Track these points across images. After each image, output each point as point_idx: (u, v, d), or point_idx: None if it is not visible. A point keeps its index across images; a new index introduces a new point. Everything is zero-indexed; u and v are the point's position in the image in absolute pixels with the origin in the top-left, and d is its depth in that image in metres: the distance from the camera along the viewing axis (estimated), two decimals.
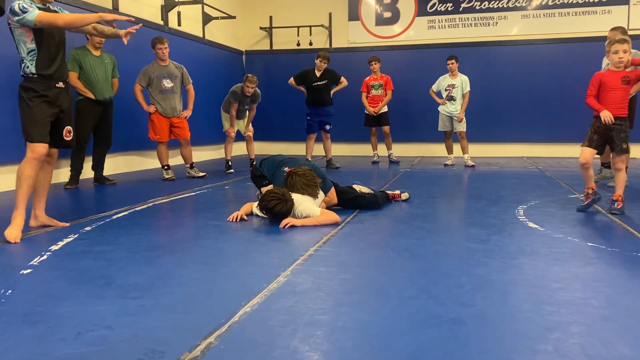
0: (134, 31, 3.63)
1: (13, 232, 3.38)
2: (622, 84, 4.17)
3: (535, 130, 9.64)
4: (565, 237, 3.44)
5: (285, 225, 3.67)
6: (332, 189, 4.30)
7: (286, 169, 4.19)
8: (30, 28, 3.43)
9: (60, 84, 3.63)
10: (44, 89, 3.52)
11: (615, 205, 4.16)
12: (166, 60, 6.39)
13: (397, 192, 4.83)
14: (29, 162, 3.52)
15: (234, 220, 3.93)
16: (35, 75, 3.50)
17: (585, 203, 4.33)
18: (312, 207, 3.86)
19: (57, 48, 3.60)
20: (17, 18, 3.39)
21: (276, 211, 3.71)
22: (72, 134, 3.77)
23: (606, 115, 4.13)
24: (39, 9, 3.44)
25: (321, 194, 4.10)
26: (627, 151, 4.22)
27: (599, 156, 4.91)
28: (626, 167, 5.66)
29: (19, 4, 3.38)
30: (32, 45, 3.48)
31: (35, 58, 3.48)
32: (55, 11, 3.58)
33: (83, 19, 3.57)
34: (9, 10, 3.42)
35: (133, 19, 3.62)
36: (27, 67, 3.50)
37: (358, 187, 4.70)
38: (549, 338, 1.85)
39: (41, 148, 3.52)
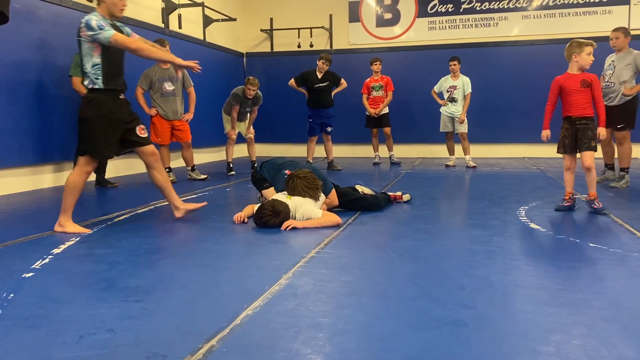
0: (197, 69, 3.81)
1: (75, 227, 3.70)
2: (582, 87, 4.22)
3: (537, 131, 9.43)
4: (567, 238, 3.44)
5: (287, 227, 3.68)
6: (333, 191, 4.30)
7: (287, 171, 4.19)
8: (100, 44, 3.56)
9: (122, 96, 3.80)
10: (111, 102, 3.67)
11: (597, 205, 4.18)
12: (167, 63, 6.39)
13: (399, 193, 4.83)
14: (82, 174, 3.71)
15: (239, 221, 3.95)
16: (101, 89, 3.63)
17: (565, 204, 4.37)
18: (314, 209, 3.87)
19: (120, 63, 3.77)
20: (91, 33, 3.52)
21: (270, 225, 3.74)
22: (145, 130, 3.93)
23: (543, 136, 4.42)
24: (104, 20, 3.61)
25: (322, 196, 4.11)
26: (595, 149, 4.25)
27: (601, 158, 4.92)
28: (627, 168, 5.69)
29: (96, 20, 3.52)
30: (98, 60, 3.61)
31: (100, 72, 3.62)
32: (117, 27, 3.69)
33: (152, 52, 3.68)
34: (84, 23, 3.54)
35: (199, 70, 3.82)
36: (93, 81, 3.63)
37: (360, 188, 4.70)
38: (550, 339, 1.85)
39: (96, 164, 3.78)
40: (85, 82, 3.67)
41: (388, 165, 8.54)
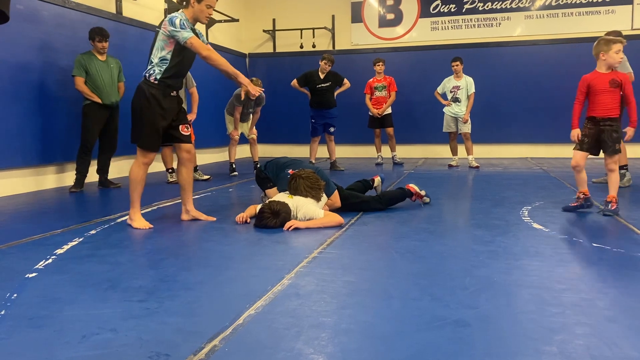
0: (255, 94, 3.87)
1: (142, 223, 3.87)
2: (611, 86, 4.13)
3: (540, 131, 9.61)
4: (570, 238, 3.43)
5: (289, 227, 3.68)
6: (336, 192, 4.30)
7: (290, 171, 4.19)
8: (175, 41, 3.68)
9: (174, 93, 3.86)
10: (162, 96, 3.75)
11: (609, 207, 4.12)
12: None
13: (423, 192, 4.72)
14: (140, 166, 3.84)
15: (241, 221, 3.96)
16: (157, 82, 3.72)
17: (573, 204, 4.34)
18: (316, 210, 3.86)
19: (186, 66, 3.88)
20: (171, 29, 3.65)
21: (271, 226, 3.74)
22: (189, 129, 4.01)
23: (574, 135, 4.23)
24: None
25: (324, 197, 4.11)
26: (619, 151, 4.22)
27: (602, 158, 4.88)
28: (626, 166, 5.69)
29: (180, 19, 3.65)
30: (168, 56, 3.73)
31: (164, 67, 3.72)
32: (196, 32, 3.77)
33: (222, 64, 3.75)
34: (168, 19, 3.67)
35: (262, 91, 3.98)
36: (153, 71, 3.73)
37: (378, 181, 4.79)
38: (553, 339, 1.85)
39: (152, 155, 3.85)
40: (145, 72, 3.77)
41: (391, 165, 8.54)
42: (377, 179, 5.02)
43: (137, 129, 3.82)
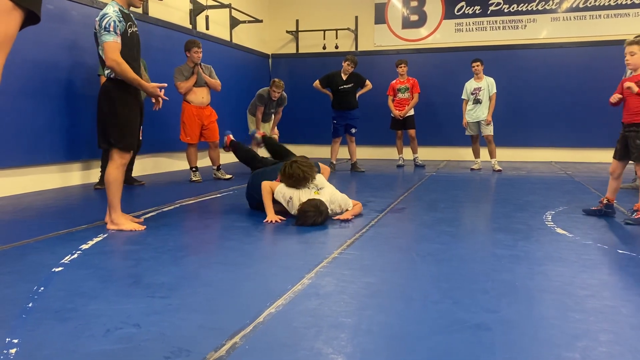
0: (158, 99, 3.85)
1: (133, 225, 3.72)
2: (631, 91, 3.99)
3: (565, 135, 9.48)
4: (595, 243, 3.38)
5: (349, 217, 4.03)
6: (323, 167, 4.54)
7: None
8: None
9: None
10: (127, 89, 3.65)
11: (633, 215, 4.02)
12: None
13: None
14: (119, 168, 3.69)
15: (278, 220, 3.99)
16: (120, 79, 3.60)
17: (593, 208, 4.28)
18: (344, 197, 4.11)
19: (136, 56, 3.72)
20: (98, 28, 3.51)
21: (319, 224, 3.76)
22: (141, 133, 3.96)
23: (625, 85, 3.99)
24: (122, 12, 3.57)
25: (319, 175, 4.19)
26: None
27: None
28: None
29: (108, 19, 3.48)
30: None
31: None
32: (131, 18, 3.69)
33: (124, 72, 3.54)
34: (100, 16, 3.51)
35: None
36: (113, 73, 3.59)
37: (259, 135, 5.35)
38: (576, 346, 1.82)
39: (129, 155, 3.74)
40: (107, 73, 3.62)
41: (412, 167, 8.50)
42: (259, 135, 5.28)
43: (116, 130, 3.62)
